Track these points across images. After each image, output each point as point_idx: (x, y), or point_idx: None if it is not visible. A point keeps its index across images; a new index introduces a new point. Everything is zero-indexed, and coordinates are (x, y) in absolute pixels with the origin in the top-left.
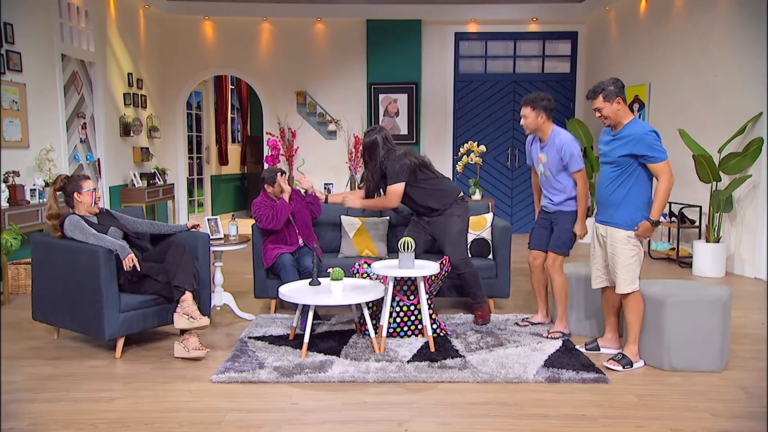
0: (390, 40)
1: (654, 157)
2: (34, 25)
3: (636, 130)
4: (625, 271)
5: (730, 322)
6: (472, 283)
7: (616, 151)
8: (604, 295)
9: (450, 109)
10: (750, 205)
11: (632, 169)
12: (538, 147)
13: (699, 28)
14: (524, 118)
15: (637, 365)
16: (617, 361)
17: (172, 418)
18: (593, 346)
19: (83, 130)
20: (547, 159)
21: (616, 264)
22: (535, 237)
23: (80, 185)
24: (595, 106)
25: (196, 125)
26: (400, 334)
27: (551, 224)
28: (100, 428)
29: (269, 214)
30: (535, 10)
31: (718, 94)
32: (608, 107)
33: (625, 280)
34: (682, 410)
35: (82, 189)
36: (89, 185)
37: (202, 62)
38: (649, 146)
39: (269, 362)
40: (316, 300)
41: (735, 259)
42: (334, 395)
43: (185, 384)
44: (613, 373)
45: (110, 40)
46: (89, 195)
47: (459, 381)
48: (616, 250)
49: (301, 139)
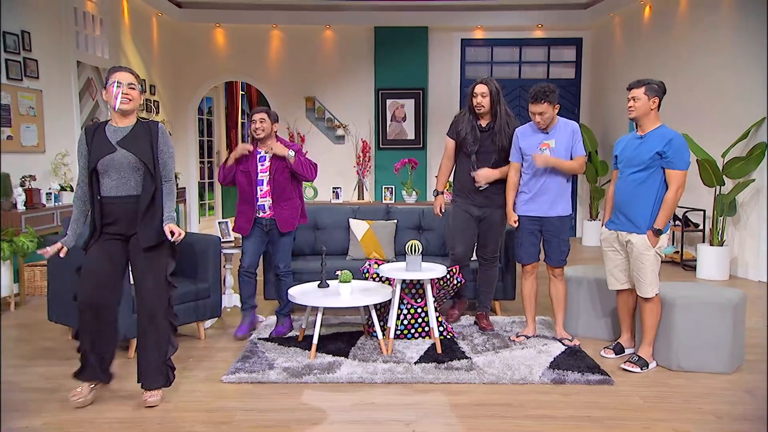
0: (397, 47)
1: (676, 164)
2: (51, 33)
3: (668, 132)
4: (651, 276)
5: (744, 325)
6: (493, 281)
7: (644, 153)
8: (622, 298)
9: None
10: (754, 209)
11: (659, 172)
12: (541, 134)
13: (702, 35)
14: (541, 115)
15: (651, 366)
16: (634, 363)
17: (184, 417)
18: (619, 347)
19: None
20: (555, 143)
21: (641, 269)
22: (528, 249)
23: (107, 79)
24: (633, 94)
25: (207, 130)
26: (408, 336)
27: (540, 231)
28: (114, 427)
29: (220, 172)
30: (540, 16)
31: (722, 100)
32: (644, 101)
33: (650, 284)
34: (686, 412)
35: (106, 82)
36: (116, 77)
37: (213, 69)
38: (677, 151)
39: (279, 363)
40: (324, 302)
41: (739, 263)
42: (343, 396)
43: (196, 384)
44: (618, 374)
45: (124, 48)
46: (111, 89)
47: (465, 382)
48: (643, 257)
49: (310, 144)
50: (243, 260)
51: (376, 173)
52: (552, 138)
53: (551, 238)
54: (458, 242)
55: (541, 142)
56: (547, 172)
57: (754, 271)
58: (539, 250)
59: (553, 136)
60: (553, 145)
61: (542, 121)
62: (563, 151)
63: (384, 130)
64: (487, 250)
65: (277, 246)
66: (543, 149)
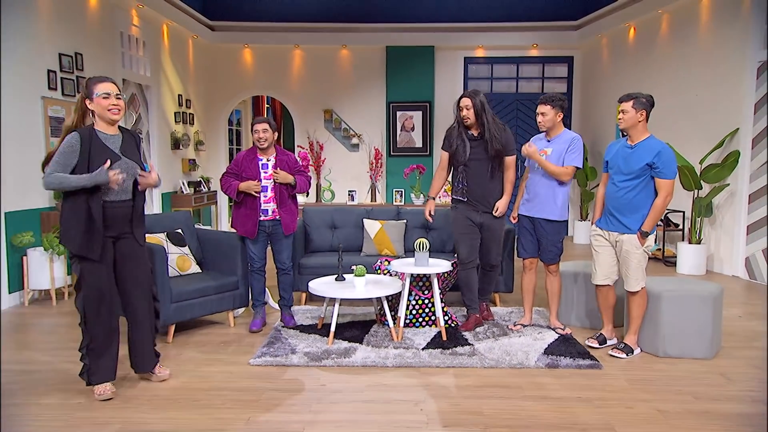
0: (407, 64)
1: (665, 173)
2: (100, 54)
3: (657, 144)
4: (638, 272)
5: (721, 315)
6: (493, 280)
7: (635, 163)
8: (603, 293)
9: None
10: (728, 211)
11: (648, 180)
12: (545, 142)
13: (682, 54)
14: (543, 115)
15: (636, 352)
16: (621, 349)
17: (216, 395)
18: (602, 338)
19: None
20: (552, 151)
21: (629, 266)
22: (525, 246)
23: (92, 89)
24: (622, 107)
25: (236, 139)
26: (416, 325)
27: (534, 230)
28: (155, 403)
29: (224, 184)
30: (535, 37)
31: (700, 112)
32: (632, 113)
33: (636, 279)
34: (667, 393)
35: (92, 94)
36: (104, 88)
37: (241, 84)
38: (666, 162)
39: (300, 348)
40: (341, 293)
41: (715, 259)
42: (358, 378)
43: (227, 366)
44: (606, 359)
45: (163, 66)
46: (101, 101)
47: (468, 366)
48: (631, 254)
49: (328, 151)
50: (254, 261)
51: (387, 178)
52: (551, 146)
53: (541, 239)
54: (463, 246)
55: (542, 149)
56: (538, 177)
57: (728, 266)
58: (537, 247)
59: (552, 145)
60: (549, 152)
61: (543, 121)
62: (555, 160)
63: (394, 139)
64: (491, 258)
65: (281, 246)
66: (542, 155)
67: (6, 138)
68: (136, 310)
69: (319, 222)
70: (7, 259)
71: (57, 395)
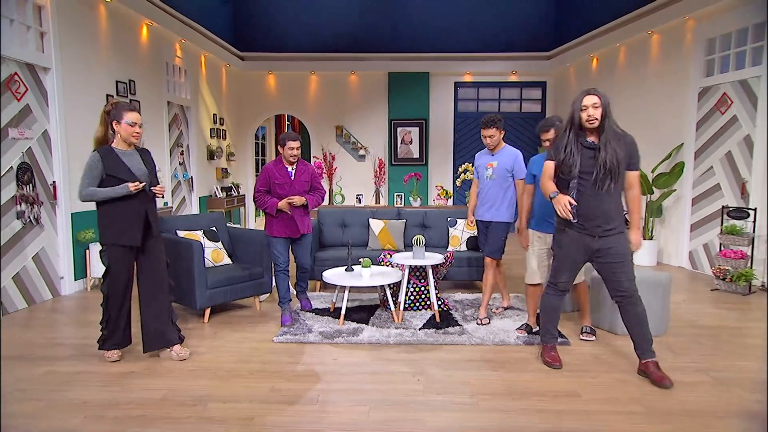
0: (406, 87)
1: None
2: (149, 81)
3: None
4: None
5: (670, 300)
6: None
7: None
8: (536, 290)
9: (451, 139)
10: (675, 212)
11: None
12: (489, 156)
13: (636, 80)
14: (490, 138)
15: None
16: (588, 333)
17: (245, 368)
18: (528, 328)
19: (181, 156)
20: (497, 164)
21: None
22: (482, 245)
23: (122, 114)
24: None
25: (261, 151)
26: (414, 308)
27: (487, 230)
28: (195, 373)
29: (260, 200)
30: (514, 65)
31: (651, 129)
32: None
33: (582, 272)
34: (625, 365)
35: (121, 119)
36: (131, 117)
37: (266, 105)
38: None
39: (316, 328)
40: (350, 282)
41: (664, 253)
42: (365, 353)
43: (254, 343)
44: (573, 336)
45: (201, 90)
46: (127, 127)
47: (458, 344)
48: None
49: (339, 161)
50: (279, 261)
51: (389, 184)
52: (496, 160)
53: (489, 236)
54: (564, 272)
55: (488, 162)
56: (488, 187)
57: (675, 259)
58: None
59: (497, 159)
60: (495, 165)
61: (491, 142)
62: (503, 171)
63: (395, 150)
64: (622, 285)
65: (302, 247)
66: (488, 168)
67: (72, 151)
68: (152, 290)
69: (331, 221)
70: (73, 252)
71: (113, 365)
